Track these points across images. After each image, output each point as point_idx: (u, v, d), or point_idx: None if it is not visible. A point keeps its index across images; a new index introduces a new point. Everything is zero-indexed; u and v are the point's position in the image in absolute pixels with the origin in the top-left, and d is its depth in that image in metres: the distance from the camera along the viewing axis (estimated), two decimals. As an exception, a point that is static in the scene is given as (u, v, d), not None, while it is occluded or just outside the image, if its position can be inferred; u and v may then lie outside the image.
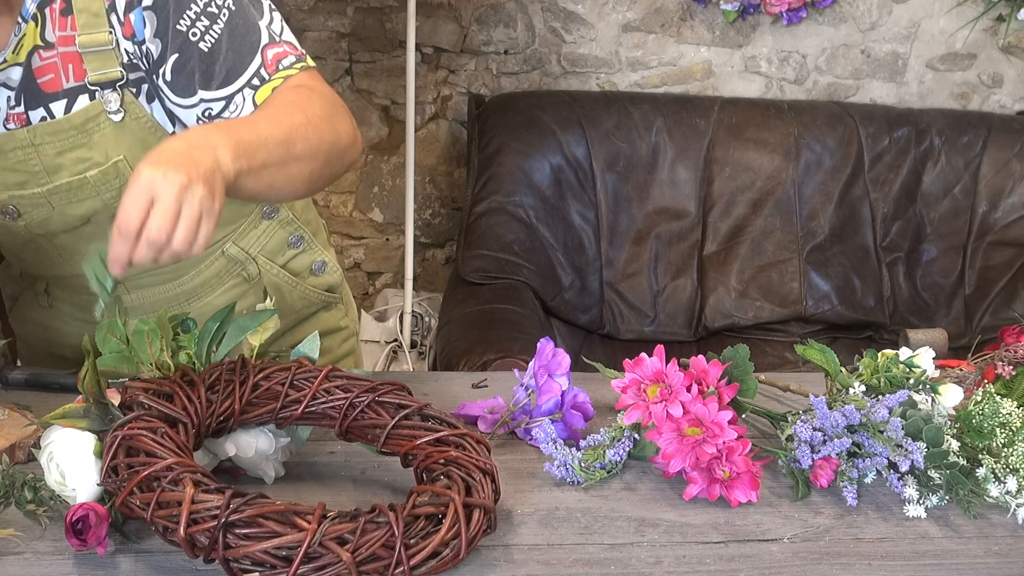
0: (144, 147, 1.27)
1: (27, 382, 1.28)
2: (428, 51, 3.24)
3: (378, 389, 1.13)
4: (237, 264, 1.47)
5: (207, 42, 1.25)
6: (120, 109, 1.27)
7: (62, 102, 1.27)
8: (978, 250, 3.10)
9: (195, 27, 1.24)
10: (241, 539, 0.90)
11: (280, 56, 1.28)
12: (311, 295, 1.55)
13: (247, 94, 1.26)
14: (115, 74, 1.26)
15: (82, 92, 1.26)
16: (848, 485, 1.16)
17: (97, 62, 1.25)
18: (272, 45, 1.28)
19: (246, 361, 1.13)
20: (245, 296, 1.49)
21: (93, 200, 1.30)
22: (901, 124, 3.10)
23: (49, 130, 1.26)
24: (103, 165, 1.28)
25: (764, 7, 3.17)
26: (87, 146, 1.28)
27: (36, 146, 1.27)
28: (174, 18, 1.24)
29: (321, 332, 1.57)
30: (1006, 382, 1.32)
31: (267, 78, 1.27)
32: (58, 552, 1.00)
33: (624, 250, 3.00)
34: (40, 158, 1.28)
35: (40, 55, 1.25)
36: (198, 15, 1.24)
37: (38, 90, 1.26)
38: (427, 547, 0.93)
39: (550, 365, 1.26)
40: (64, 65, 1.26)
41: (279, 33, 1.30)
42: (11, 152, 1.27)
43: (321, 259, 1.55)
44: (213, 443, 1.13)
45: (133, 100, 1.28)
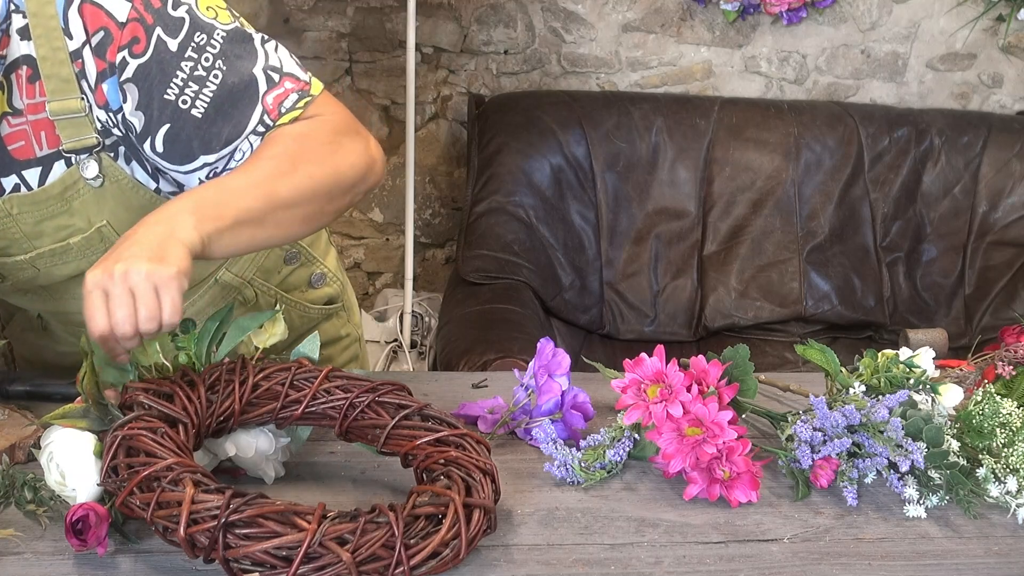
0: (127, 208, 1.25)
1: (28, 394, 1.28)
2: (428, 51, 3.24)
3: (378, 389, 1.13)
4: (232, 290, 1.43)
5: (199, 108, 1.18)
6: (99, 175, 1.22)
7: (36, 170, 1.22)
8: (978, 250, 3.11)
9: (184, 95, 1.17)
10: (241, 539, 0.90)
11: (281, 98, 1.20)
12: (310, 311, 1.53)
13: (253, 141, 1.20)
14: (91, 141, 1.20)
15: (57, 159, 1.22)
16: (848, 485, 1.16)
17: (71, 129, 1.20)
18: (271, 89, 1.20)
19: (246, 361, 1.13)
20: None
21: (79, 261, 1.27)
22: (901, 124, 3.10)
23: (27, 201, 1.22)
24: (86, 231, 1.25)
25: (764, 7, 3.17)
26: (68, 213, 1.24)
27: (14, 216, 1.23)
28: (159, 89, 1.17)
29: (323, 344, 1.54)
30: (1006, 382, 1.32)
31: (272, 124, 1.20)
32: (58, 552, 1.00)
33: (624, 250, 3.00)
34: (19, 226, 1.24)
35: (8, 122, 1.20)
36: (185, 81, 1.17)
37: (9, 157, 1.21)
38: (427, 547, 0.93)
39: (550, 365, 1.26)
40: (36, 132, 1.21)
41: (279, 68, 1.22)
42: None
43: (320, 271, 1.52)
44: (213, 443, 1.13)
45: (112, 164, 1.23)
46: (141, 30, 1.16)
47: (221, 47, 1.19)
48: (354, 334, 1.65)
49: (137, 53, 1.17)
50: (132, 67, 1.17)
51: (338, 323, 1.60)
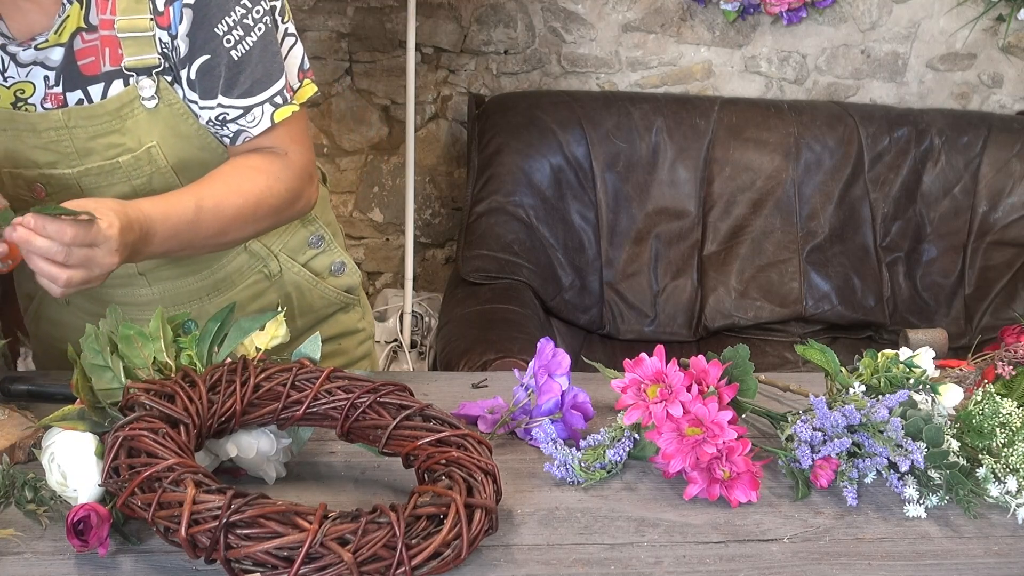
0: (175, 133, 1.30)
1: (29, 393, 1.28)
2: (428, 51, 3.24)
3: (379, 390, 1.13)
4: (259, 260, 1.47)
5: (239, 51, 1.27)
6: (155, 96, 1.28)
7: (99, 86, 1.27)
8: (978, 250, 3.11)
9: (230, 35, 1.26)
10: (242, 539, 0.90)
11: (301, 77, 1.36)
12: (330, 295, 1.56)
13: (267, 110, 1.31)
14: (152, 60, 1.26)
15: (117, 77, 1.27)
16: (848, 485, 1.16)
17: (134, 47, 1.25)
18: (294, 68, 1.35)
19: (247, 362, 1.13)
20: (266, 293, 1.49)
21: (122, 185, 1.31)
22: (901, 124, 3.10)
23: (84, 114, 1.27)
24: (136, 151, 1.29)
25: (764, 7, 3.17)
26: (120, 131, 1.28)
27: (70, 128, 1.27)
28: (213, 20, 1.25)
29: (339, 334, 1.58)
30: (1006, 382, 1.32)
31: (288, 100, 1.33)
32: (58, 552, 1.00)
33: (624, 250, 3.00)
34: (73, 140, 1.28)
35: (83, 37, 1.25)
36: (235, 23, 1.26)
37: (78, 72, 1.27)
38: (428, 547, 0.93)
39: (550, 365, 1.26)
40: (102, 48, 1.26)
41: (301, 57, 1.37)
42: (44, 132, 1.28)
43: (340, 260, 1.56)
44: (215, 444, 1.13)
45: (167, 87, 1.28)
46: None
47: (269, 7, 1.31)
48: (369, 330, 1.67)
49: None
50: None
51: (355, 316, 1.62)
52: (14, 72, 1.27)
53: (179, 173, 1.33)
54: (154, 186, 1.32)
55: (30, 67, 1.27)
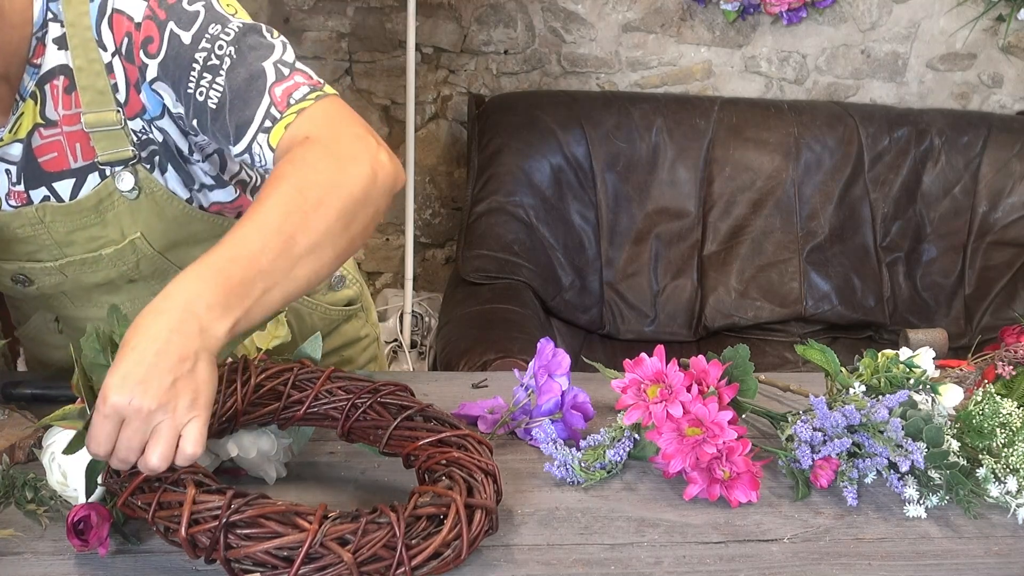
0: (160, 219, 1.25)
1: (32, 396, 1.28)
2: (428, 51, 3.24)
3: (380, 390, 1.13)
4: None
5: (213, 99, 1.14)
6: (135, 187, 1.22)
7: (68, 182, 1.22)
8: (978, 250, 3.11)
9: (199, 85, 1.14)
10: (242, 539, 0.90)
11: (291, 89, 1.14)
12: (331, 313, 1.53)
13: (261, 140, 1.13)
14: (127, 153, 1.21)
15: (92, 171, 1.22)
16: (848, 485, 1.16)
17: (106, 142, 1.20)
18: (280, 81, 1.14)
19: (248, 362, 1.13)
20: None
21: (108, 270, 1.28)
22: (901, 124, 3.10)
23: (60, 211, 1.22)
24: (119, 243, 1.25)
25: (764, 7, 3.17)
26: (100, 224, 1.24)
27: (45, 223, 1.23)
28: (182, 82, 1.15)
29: (343, 344, 1.56)
30: (1006, 382, 1.32)
31: (279, 116, 1.13)
32: (58, 552, 1.00)
33: (624, 250, 3.00)
34: (51, 234, 1.24)
35: (40, 134, 1.20)
36: (200, 73, 1.14)
37: (39, 169, 1.22)
38: (429, 547, 0.93)
39: (550, 365, 1.26)
40: (71, 144, 1.21)
41: (291, 64, 1.16)
42: (19, 228, 1.24)
43: (339, 273, 1.52)
44: (215, 444, 1.13)
45: (147, 175, 1.23)
46: (154, 27, 1.15)
47: (235, 36, 1.15)
48: (372, 334, 1.65)
49: (152, 52, 1.15)
50: (152, 67, 1.16)
51: (357, 324, 1.60)
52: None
53: (167, 254, 1.29)
54: (141, 270, 1.28)
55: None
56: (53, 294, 1.33)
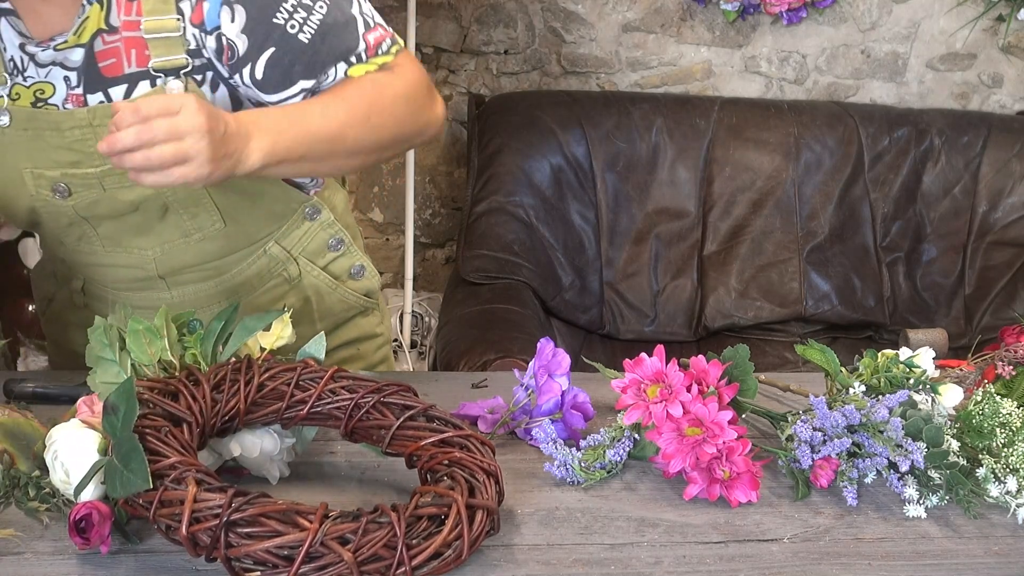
0: None
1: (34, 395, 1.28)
2: (428, 51, 3.24)
3: (383, 390, 1.13)
4: (279, 264, 1.46)
5: (306, 34, 1.24)
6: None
7: (122, 87, 1.26)
8: (978, 250, 3.11)
9: (292, 19, 1.23)
10: (243, 538, 0.90)
11: (380, 40, 1.30)
12: (350, 298, 1.54)
13: (340, 68, 1.28)
14: (180, 61, 1.25)
15: (143, 78, 1.25)
16: (848, 485, 1.16)
17: (162, 48, 1.23)
18: (370, 30, 1.29)
19: (252, 361, 1.13)
20: (286, 296, 1.48)
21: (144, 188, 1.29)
22: (901, 124, 3.10)
23: (109, 113, 1.24)
24: None
25: (764, 7, 3.17)
26: None
27: (94, 127, 1.26)
28: (269, 12, 1.23)
29: (357, 338, 1.57)
30: (1006, 382, 1.32)
31: (364, 59, 1.28)
32: (58, 552, 1.00)
33: (624, 250, 3.00)
34: (97, 139, 1.26)
35: (103, 39, 1.24)
36: (295, 7, 1.23)
37: (98, 74, 1.25)
38: (429, 548, 0.93)
39: (550, 365, 1.26)
40: (127, 50, 1.24)
41: (371, 16, 1.30)
42: (68, 131, 1.26)
43: (360, 263, 1.54)
44: (218, 443, 1.13)
45: (195, 87, 1.27)
46: None
47: None
48: (386, 335, 1.66)
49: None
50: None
51: (373, 320, 1.61)
52: (33, 72, 1.26)
53: None
54: (177, 190, 1.31)
55: (49, 67, 1.25)
56: (88, 216, 1.34)
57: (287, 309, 1.22)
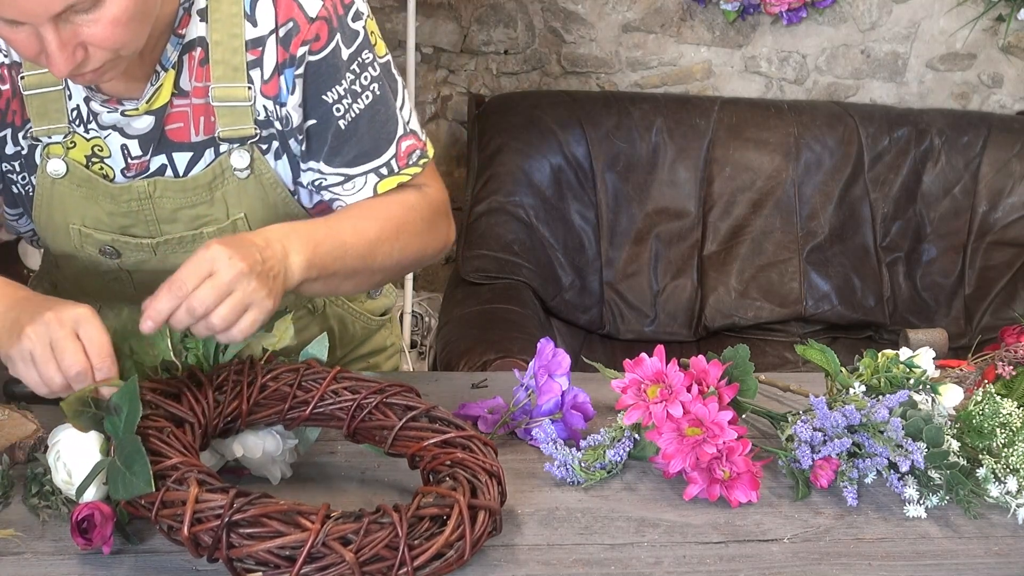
0: (264, 204, 1.27)
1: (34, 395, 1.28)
2: (428, 51, 3.24)
3: (386, 390, 1.13)
4: (303, 298, 1.43)
5: (346, 120, 1.24)
6: (248, 167, 1.24)
7: (187, 155, 1.23)
8: (978, 250, 3.11)
9: (340, 103, 1.23)
10: (245, 538, 0.91)
11: (411, 149, 1.29)
12: (371, 324, 1.55)
13: (371, 180, 1.27)
14: (248, 131, 1.22)
15: (210, 146, 1.23)
16: (848, 485, 1.16)
17: (230, 117, 1.21)
18: (405, 137, 1.28)
19: (254, 362, 1.13)
20: (308, 327, 1.46)
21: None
22: (901, 124, 3.10)
23: (173, 187, 1.23)
24: (222, 223, 1.26)
25: (764, 7, 3.17)
26: (208, 203, 1.25)
27: (153, 198, 1.24)
28: (324, 87, 1.21)
29: (371, 352, 1.57)
30: (1006, 382, 1.32)
31: (396, 170, 1.28)
32: (58, 552, 1.00)
33: (624, 250, 3.00)
34: (155, 210, 1.25)
35: (173, 103, 1.21)
36: (346, 91, 1.23)
37: (165, 138, 1.23)
38: (431, 548, 0.93)
39: (550, 365, 1.27)
40: (195, 117, 1.21)
41: (407, 120, 1.29)
42: (125, 202, 1.24)
43: None
44: (220, 444, 1.13)
45: (261, 158, 1.25)
46: (326, 29, 1.20)
47: (380, 72, 1.25)
48: (397, 344, 1.67)
49: (316, 50, 1.20)
50: (307, 62, 1.20)
51: (386, 333, 1.62)
52: (95, 129, 1.22)
53: None
54: None
55: (109, 131, 1.22)
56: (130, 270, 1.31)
57: (288, 311, 1.22)
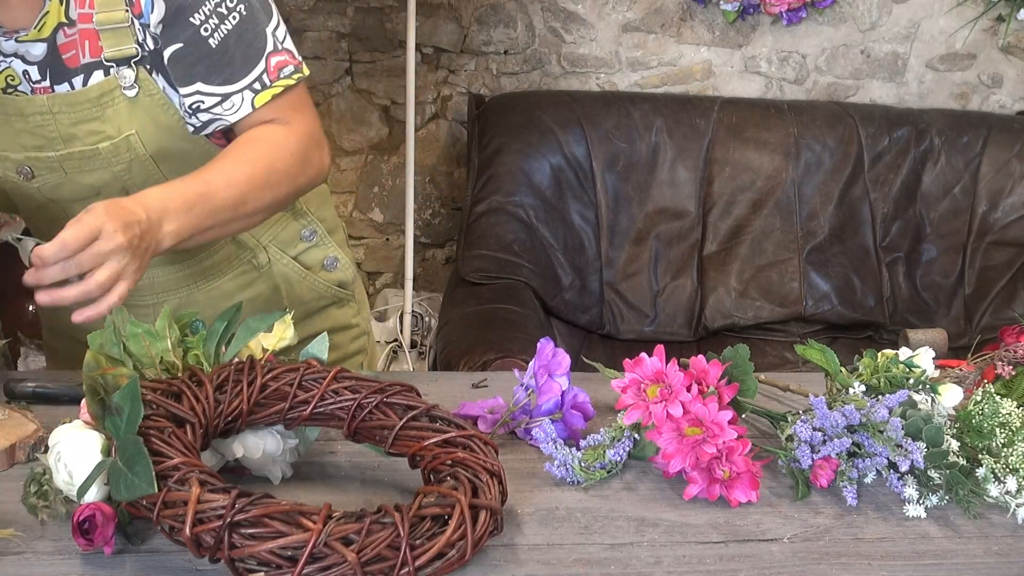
0: (155, 123, 1.34)
1: (34, 394, 1.28)
2: (428, 51, 3.25)
3: (386, 390, 1.13)
4: (247, 251, 1.50)
5: (215, 39, 1.30)
6: (134, 85, 1.31)
7: (79, 78, 1.31)
8: (978, 250, 3.11)
9: (207, 23, 1.29)
10: (246, 539, 0.91)
11: (282, 64, 1.35)
12: (320, 287, 1.57)
13: (247, 96, 1.34)
14: (130, 51, 1.30)
15: (97, 68, 1.31)
16: (848, 485, 1.16)
17: (113, 39, 1.29)
18: (275, 53, 1.35)
19: (254, 361, 1.14)
20: (254, 284, 1.51)
21: (103, 171, 1.35)
22: (901, 124, 3.10)
23: (67, 101, 1.31)
24: (115, 139, 1.32)
25: (764, 7, 3.17)
26: (100, 119, 1.32)
27: (54, 114, 1.31)
28: (188, 10, 1.28)
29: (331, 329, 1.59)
30: (1006, 382, 1.33)
31: (268, 84, 1.34)
32: (59, 552, 1.00)
33: (624, 250, 3.00)
34: (56, 125, 1.32)
35: (64, 32, 1.29)
36: (211, 12, 1.29)
37: (63, 66, 1.31)
38: (433, 548, 0.93)
39: (550, 365, 1.27)
40: (82, 41, 1.30)
41: (281, 40, 1.36)
42: (30, 116, 1.31)
43: (334, 255, 1.58)
44: (221, 444, 1.13)
45: (147, 76, 1.32)
46: None
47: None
48: (363, 327, 1.69)
49: None
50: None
51: (349, 312, 1.64)
52: (1, 57, 1.31)
53: (159, 162, 1.36)
54: (133, 173, 1.36)
55: (11, 58, 1.31)
56: (54, 199, 1.39)
57: (288, 311, 1.23)
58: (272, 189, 1.32)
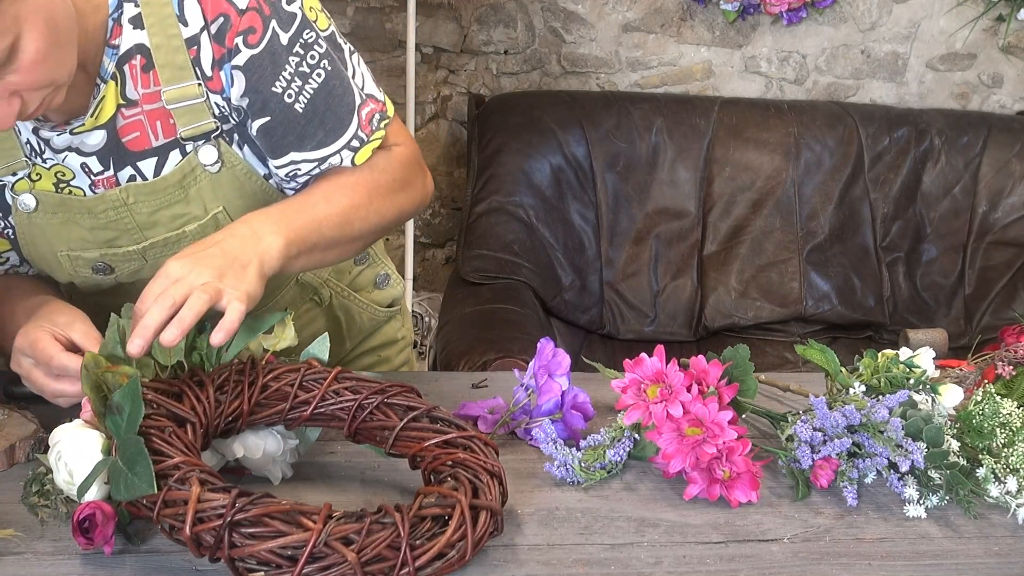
0: (240, 194, 1.27)
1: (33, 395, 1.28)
2: (428, 51, 3.25)
3: (387, 391, 1.13)
4: (309, 290, 1.46)
5: (301, 103, 1.23)
6: (218, 160, 1.24)
7: (151, 160, 1.23)
8: (978, 250, 3.11)
9: (290, 88, 1.22)
10: (247, 538, 0.91)
11: (371, 114, 1.28)
12: (378, 315, 1.56)
13: (345, 155, 1.27)
14: (209, 126, 1.23)
15: (173, 148, 1.23)
16: (848, 485, 1.16)
17: (188, 116, 1.21)
18: (363, 104, 1.28)
19: (255, 362, 1.14)
20: (315, 321, 1.48)
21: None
22: (901, 124, 3.10)
23: (144, 190, 1.24)
24: (202, 219, 1.27)
25: (764, 7, 3.17)
26: (184, 201, 1.25)
27: (129, 205, 1.24)
28: (268, 80, 1.21)
29: (381, 344, 1.59)
30: (1006, 382, 1.32)
31: (365, 140, 1.28)
32: (58, 552, 1.00)
33: (624, 250, 3.00)
34: (133, 216, 1.25)
35: (123, 114, 1.21)
36: (292, 76, 1.21)
37: (124, 150, 1.23)
38: (433, 548, 0.93)
39: (550, 365, 1.27)
40: (151, 122, 1.22)
41: (362, 86, 1.29)
42: (102, 213, 1.25)
43: (384, 271, 1.55)
44: (221, 444, 1.13)
45: (228, 149, 1.25)
46: (259, 20, 1.19)
47: (327, 48, 1.24)
48: (408, 337, 1.67)
49: (252, 43, 1.19)
50: (245, 55, 1.19)
51: (396, 325, 1.62)
52: (51, 156, 1.22)
53: None
54: None
55: (65, 152, 1.22)
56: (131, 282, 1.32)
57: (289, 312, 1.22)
58: (378, 212, 1.27)
